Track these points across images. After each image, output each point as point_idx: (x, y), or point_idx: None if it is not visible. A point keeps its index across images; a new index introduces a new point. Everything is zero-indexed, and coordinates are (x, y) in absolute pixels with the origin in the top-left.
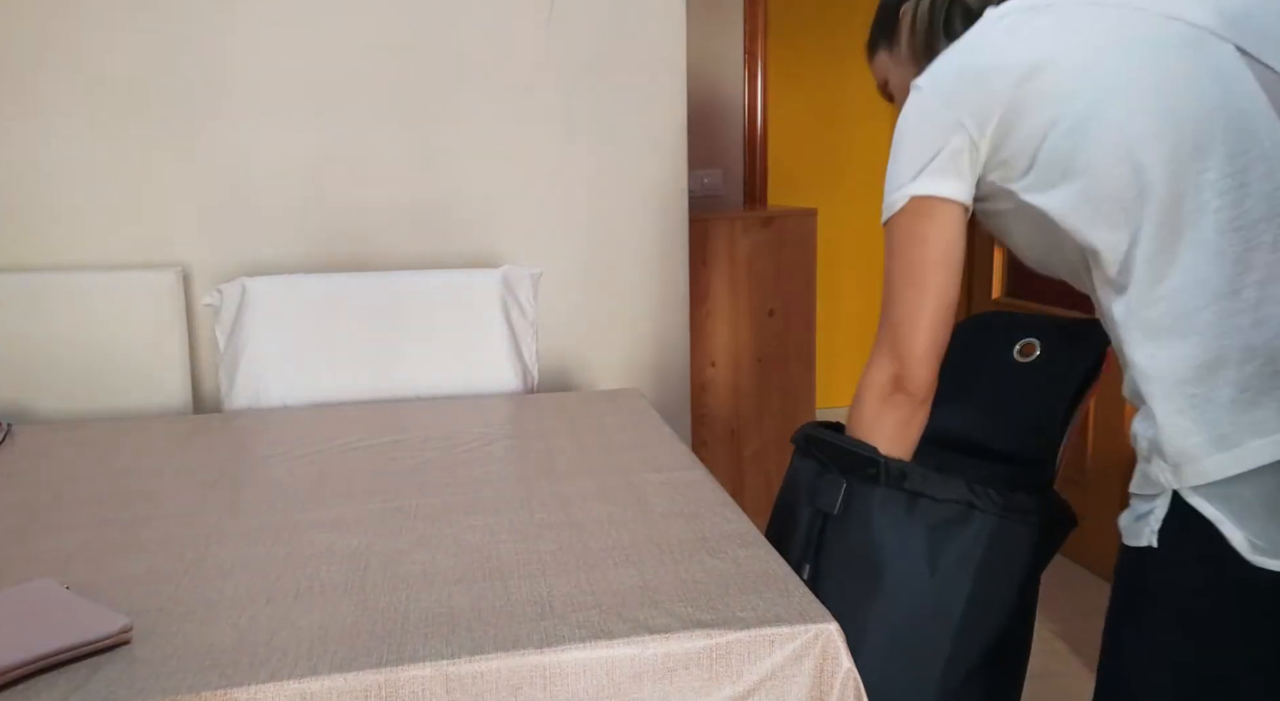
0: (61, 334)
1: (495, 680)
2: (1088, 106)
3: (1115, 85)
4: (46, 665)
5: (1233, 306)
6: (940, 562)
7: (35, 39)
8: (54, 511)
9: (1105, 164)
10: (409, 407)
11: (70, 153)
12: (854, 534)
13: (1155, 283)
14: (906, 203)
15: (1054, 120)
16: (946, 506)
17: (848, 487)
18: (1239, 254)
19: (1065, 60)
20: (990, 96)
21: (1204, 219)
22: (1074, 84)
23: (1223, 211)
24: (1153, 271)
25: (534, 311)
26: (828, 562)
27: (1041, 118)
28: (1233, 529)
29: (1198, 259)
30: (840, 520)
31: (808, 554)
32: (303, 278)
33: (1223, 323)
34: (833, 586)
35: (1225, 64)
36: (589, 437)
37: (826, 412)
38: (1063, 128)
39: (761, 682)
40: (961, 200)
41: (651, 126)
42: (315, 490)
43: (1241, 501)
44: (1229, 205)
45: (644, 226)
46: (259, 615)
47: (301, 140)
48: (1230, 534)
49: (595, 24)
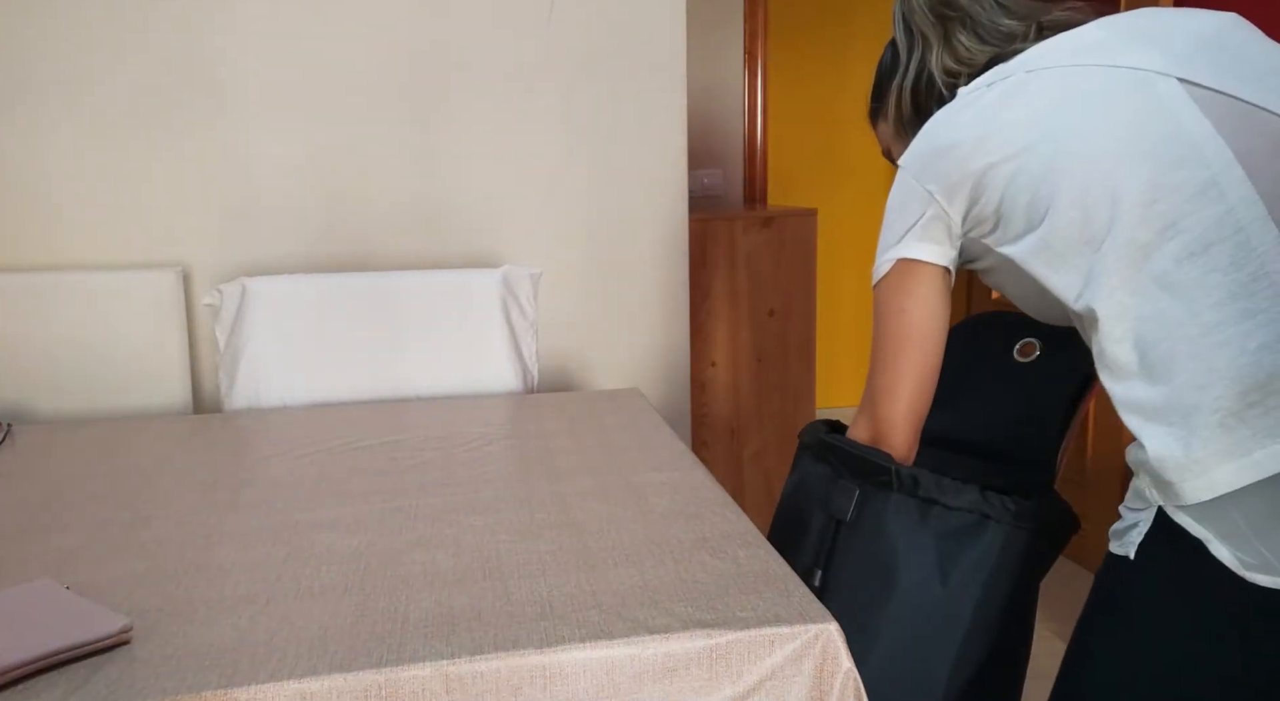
0: (61, 334)
1: (495, 680)
2: (1043, 159)
3: (1066, 135)
4: (46, 665)
5: (1194, 333)
6: (952, 570)
7: (35, 39)
8: (54, 511)
9: (1061, 208)
10: (409, 407)
11: (70, 153)
12: (866, 541)
13: (1118, 320)
14: (891, 266)
15: (1012, 175)
16: (959, 515)
17: (860, 494)
18: (1196, 280)
19: (1020, 122)
20: (954, 168)
21: (1159, 250)
22: (1028, 140)
23: (1176, 240)
24: (1114, 308)
25: (534, 311)
26: (839, 570)
27: (1000, 177)
28: (1220, 547)
29: (1158, 292)
30: (852, 527)
31: (819, 560)
32: (303, 278)
33: (1187, 350)
34: (844, 593)
35: (1171, 99)
36: (589, 437)
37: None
38: (1021, 182)
39: (761, 682)
40: (941, 263)
41: (651, 126)
42: (315, 490)
43: (1228, 521)
44: (1182, 233)
45: (644, 226)
46: (259, 615)
47: (302, 140)
48: (1218, 552)
49: (595, 24)
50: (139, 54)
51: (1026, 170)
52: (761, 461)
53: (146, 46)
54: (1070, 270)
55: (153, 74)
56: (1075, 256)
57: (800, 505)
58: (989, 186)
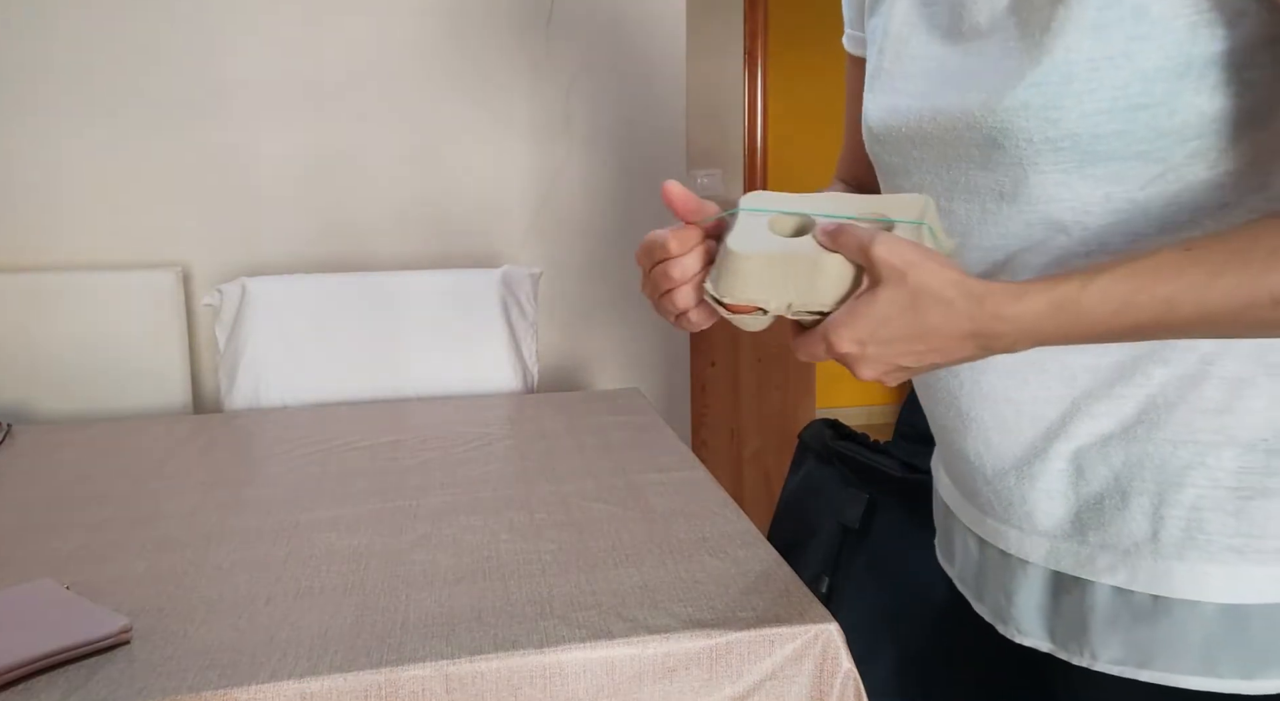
0: (61, 334)
1: (495, 680)
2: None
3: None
4: (46, 665)
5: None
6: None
7: (35, 39)
8: (54, 511)
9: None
10: (409, 407)
11: (70, 152)
12: (875, 549)
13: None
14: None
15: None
16: None
17: (870, 501)
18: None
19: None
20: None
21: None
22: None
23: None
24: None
25: (534, 311)
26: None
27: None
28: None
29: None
30: (861, 535)
31: (827, 567)
32: (303, 278)
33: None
34: (852, 601)
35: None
36: (589, 437)
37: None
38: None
39: (761, 682)
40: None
41: (651, 127)
42: (315, 490)
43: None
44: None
45: (644, 226)
46: (259, 615)
47: (301, 140)
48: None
49: (595, 24)
50: (139, 54)
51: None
52: (761, 461)
53: (147, 47)
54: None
55: (153, 74)
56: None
57: (806, 508)
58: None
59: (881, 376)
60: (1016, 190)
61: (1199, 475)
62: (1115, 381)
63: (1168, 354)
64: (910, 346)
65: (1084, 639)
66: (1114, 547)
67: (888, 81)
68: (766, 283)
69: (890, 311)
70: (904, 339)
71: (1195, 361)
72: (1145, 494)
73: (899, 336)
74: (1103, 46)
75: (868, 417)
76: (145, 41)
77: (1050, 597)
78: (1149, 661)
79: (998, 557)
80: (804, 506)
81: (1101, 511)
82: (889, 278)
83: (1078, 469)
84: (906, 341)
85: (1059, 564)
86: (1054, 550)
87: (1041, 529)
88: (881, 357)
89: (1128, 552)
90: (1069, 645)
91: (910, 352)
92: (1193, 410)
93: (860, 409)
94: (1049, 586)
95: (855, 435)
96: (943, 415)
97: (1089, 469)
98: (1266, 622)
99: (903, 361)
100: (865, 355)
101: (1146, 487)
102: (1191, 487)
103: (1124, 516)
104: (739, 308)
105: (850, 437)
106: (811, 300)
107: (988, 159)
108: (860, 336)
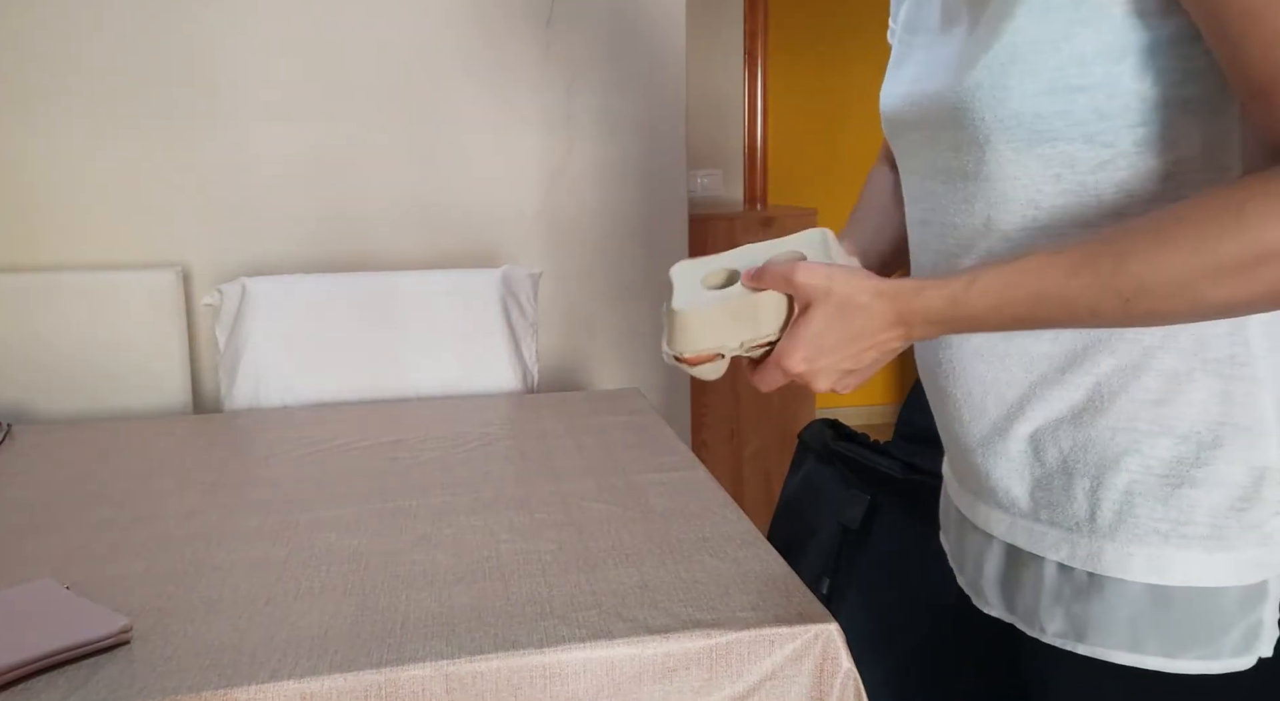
0: (61, 334)
1: (495, 680)
2: None
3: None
4: (46, 665)
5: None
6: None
7: (35, 39)
8: (54, 511)
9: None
10: (409, 407)
11: (70, 152)
12: (876, 549)
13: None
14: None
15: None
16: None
17: (871, 502)
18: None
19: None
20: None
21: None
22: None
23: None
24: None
25: (534, 311)
26: (848, 577)
27: None
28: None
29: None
30: (862, 535)
31: (827, 568)
32: (303, 278)
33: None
34: (854, 601)
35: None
36: (589, 437)
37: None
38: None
39: (761, 682)
40: None
41: (651, 126)
42: (315, 490)
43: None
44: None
45: (644, 226)
46: (259, 615)
47: (301, 140)
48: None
49: (595, 24)
50: (139, 54)
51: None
52: (761, 461)
53: (147, 46)
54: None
55: (153, 74)
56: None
57: (806, 508)
58: None
59: (835, 385)
60: (978, 169)
61: (1134, 461)
62: (1067, 368)
63: (1115, 344)
64: (848, 350)
65: (1035, 612)
66: (1060, 525)
67: (893, 72)
68: (718, 329)
69: (824, 325)
70: (841, 345)
71: (1139, 353)
72: (1086, 476)
73: (837, 344)
74: (1045, 29)
75: (868, 417)
76: (145, 42)
77: (1010, 571)
78: (1084, 636)
79: (970, 530)
80: (804, 506)
81: (1051, 491)
82: (815, 297)
83: (1034, 449)
84: (844, 347)
85: (1015, 539)
86: (1012, 526)
87: (1003, 504)
88: (829, 367)
89: (1070, 530)
90: (1027, 618)
91: (850, 355)
92: (1133, 400)
93: (860, 409)
94: (1009, 560)
95: (855, 435)
96: (930, 390)
97: (1043, 450)
98: (1187, 604)
99: (846, 365)
100: (815, 369)
101: (1088, 470)
102: (1126, 472)
103: (1067, 496)
104: (698, 359)
105: (850, 438)
106: (759, 333)
107: (954, 140)
108: (807, 354)
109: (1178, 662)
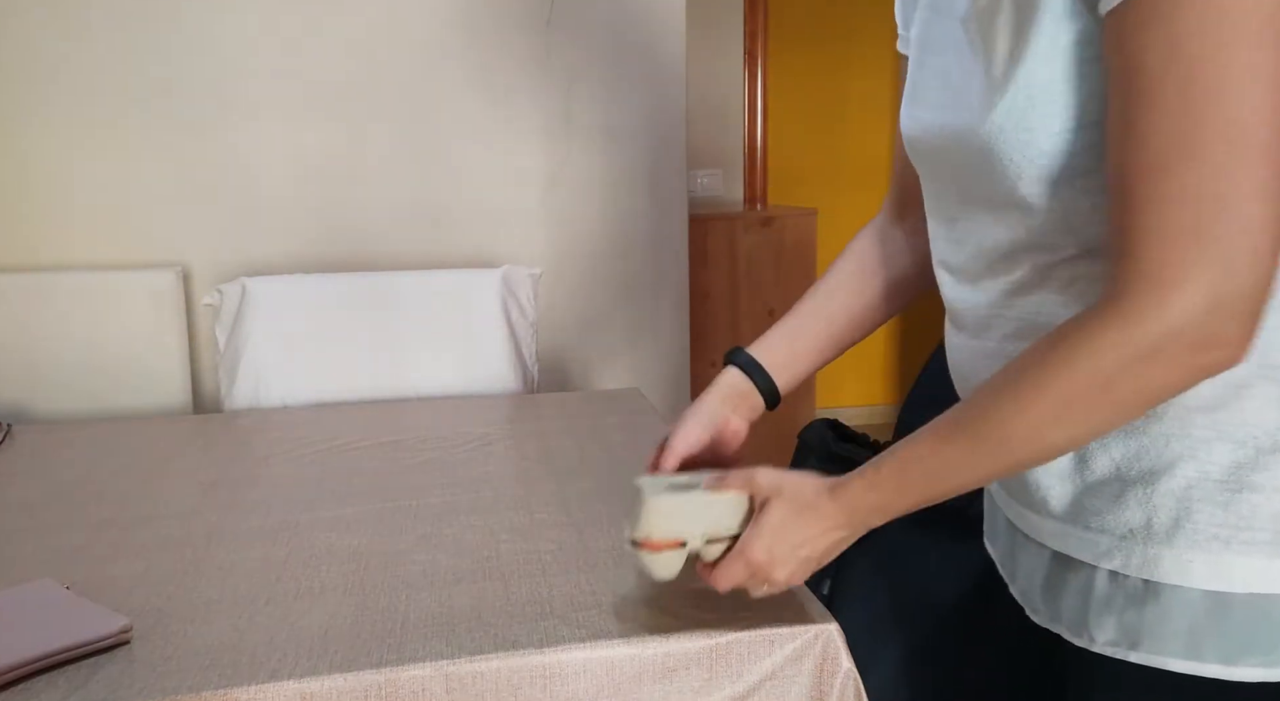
0: (61, 334)
1: (495, 680)
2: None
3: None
4: (46, 665)
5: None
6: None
7: (35, 39)
8: (54, 511)
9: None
10: (409, 407)
11: (70, 152)
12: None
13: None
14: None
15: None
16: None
17: None
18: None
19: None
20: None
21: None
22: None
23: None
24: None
25: (534, 311)
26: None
27: None
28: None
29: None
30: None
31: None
32: (303, 278)
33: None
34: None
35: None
36: (589, 437)
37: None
38: None
39: (761, 682)
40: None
41: (651, 126)
42: (315, 490)
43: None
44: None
45: (644, 226)
46: (259, 615)
47: (302, 140)
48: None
49: (595, 24)
50: (139, 54)
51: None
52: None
53: (147, 47)
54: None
55: (153, 74)
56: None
57: None
58: None
59: (793, 574)
60: (1011, 199)
61: (1190, 467)
62: None
63: None
64: (804, 540)
65: (1084, 621)
66: (1111, 533)
67: (913, 92)
68: (685, 518)
69: (780, 520)
70: (797, 537)
71: None
72: (1140, 483)
73: (793, 537)
74: (1058, 70)
75: (868, 417)
76: (146, 42)
77: (1058, 579)
78: (1138, 643)
79: (1021, 539)
80: None
81: (1101, 498)
82: (772, 495)
83: (1082, 457)
84: (799, 539)
85: (1065, 546)
86: (1060, 533)
87: (1050, 512)
88: (789, 557)
89: (1123, 538)
90: (1074, 626)
91: (805, 543)
92: (1187, 407)
93: (860, 409)
94: (1058, 568)
95: (855, 436)
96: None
97: (1092, 458)
98: (1248, 611)
99: (803, 553)
100: (775, 559)
101: (1141, 477)
102: (1182, 479)
103: (1119, 504)
104: (662, 544)
105: (850, 438)
106: (721, 527)
107: (985, 170)
108: (767, 545)
109: (1235, 670)
